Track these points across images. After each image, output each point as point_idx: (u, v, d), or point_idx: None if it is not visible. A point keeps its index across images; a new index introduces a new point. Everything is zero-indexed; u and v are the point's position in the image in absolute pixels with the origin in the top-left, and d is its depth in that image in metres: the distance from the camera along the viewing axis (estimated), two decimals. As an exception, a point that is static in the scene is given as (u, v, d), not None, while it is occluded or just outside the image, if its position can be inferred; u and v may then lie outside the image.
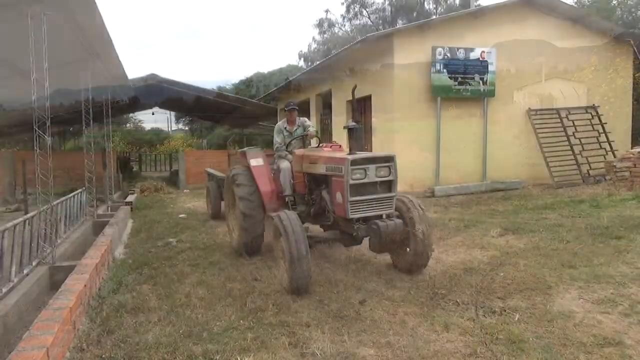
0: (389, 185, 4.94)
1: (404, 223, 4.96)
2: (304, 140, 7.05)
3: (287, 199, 6.33)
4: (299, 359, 3.41)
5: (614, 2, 18.82)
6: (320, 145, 6.36)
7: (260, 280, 5.42)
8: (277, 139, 6.96)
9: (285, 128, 7.06)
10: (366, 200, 4.83)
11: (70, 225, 7.78)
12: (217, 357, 3.45)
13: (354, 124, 5.05)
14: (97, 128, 20.73)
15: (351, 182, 4.70)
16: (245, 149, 7.04)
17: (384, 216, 4.97)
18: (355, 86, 5.38)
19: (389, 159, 4.91)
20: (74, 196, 8.21)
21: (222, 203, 9.52)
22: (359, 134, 4.42)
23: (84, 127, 10.37)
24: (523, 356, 3.30)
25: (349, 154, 4.91)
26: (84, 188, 9.29)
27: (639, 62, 13.95)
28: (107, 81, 10.87)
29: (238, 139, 31.49)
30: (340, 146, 6.19)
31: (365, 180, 4.78)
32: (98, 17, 6.83)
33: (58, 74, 9.12)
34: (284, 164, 6.49)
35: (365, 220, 4.92)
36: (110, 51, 8.76)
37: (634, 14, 18.20)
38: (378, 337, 3.73)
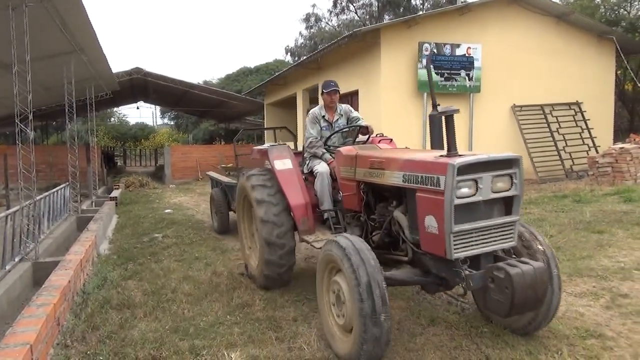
0: (509, 203, 3.21)
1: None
2: (352, 135, 5.20)
3: (325, 215, 4.75)
4: (286, 353, 3.41)
5: (597, 0, 19.06)
6: (364, 140, 5.05)
7: (247, 275, 5.40)
8: (312, 131, 5.09)
9: (324, 117, 5.19)
10: (478, 229, 3.10)
11: (53, 220, 7.67)
12: (204, 353, 3.44)
13: (453, 107, 3.12)
14: (81, 122, 20.51)
15: (457, 201, 2.96)
16: (265, 145, 5.20)
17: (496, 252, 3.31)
18: (433, 53, 4.04)
19: (511, 163, 3.15)
20: (57, 191, 8.10)
21: (231, 213, 7.94)
22: (452, 125, 3.12)
23: (67, 121, 10.22)
24: (507, 349, 3.34)
25: (449, 154, 3.10)
26: (67, 183, 9.17)
27: (621, 60, 14.15)
28: (91, 74, 10.72)
29: (246, 133, 29.72)
30: (391, 140, 5.03)
31: (478, 198, 3.05)
32: (82, 9, 6.72)
33: (41, 67, 8.98)
34: (321, 167, 4.78)
35: (474, 259, 3.22)
36: (94, 44, 8.64)
37: (616, 12, 18.45)
38: (365, 331, 3.74)
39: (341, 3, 32.48)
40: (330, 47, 13.07)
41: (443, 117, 3.20)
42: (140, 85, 20.53)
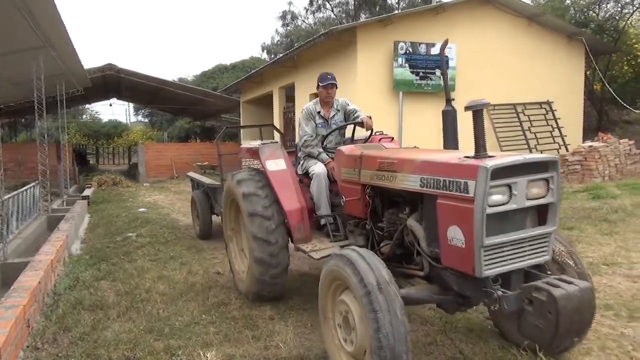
0: (544, 212, 2.84)
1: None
2: (350, 132, 4.85)
3: (323, 221, 4.33)
4: (262, 352, 3.40)
5: (567, 1, 19.51)
6: (364, 137, 4.72)
7: (222, 274, 5.38)
8: (307, 128, 4.70)
9: (319, 113, 4.78)
10: (511, 242, 2.71)
11: (22, 220, 7.49)
12: (180, 353, 3.40)
13: (483, 101, 2.73)
14: (51, 119, 20.02)
15: (489, 209, 2.56)
16: (255, 143, 4.69)
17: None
18: (447, 41, 3.67)
19: (548, 166, 2.79)
20: (26, 190, 7.90)
21: (214, 216, 7.55)
22: (480, 121, 2.75)
23: (36, 119, 9.97)
24: (480, 343, 3.40)
25: (477, 156, 2.72)
26: (37, 182, 8.95)
27: (590, 60, 14.54)
28: (62, 70, 10.47)
29: (227, 131, 29.27)
30: (392, 139, 4.74)
31: (511, 206, 2.66)
32: (51, 3, 6.55)
33: (8, 62, 8.74)
34: (318, 168, 4.41)
35: (504, 277, 2.81)
36: (65, 39, 8.43)
37: (585, 14, 18.92)
38: (341, 329, 3.76)
39: (317, 1, 32.47)
40: (306, 45, 13.04)
41: (471, 113, 2.74)
42: (113, 82, 20.13)
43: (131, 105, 38.80)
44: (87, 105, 37.46)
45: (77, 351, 3.46)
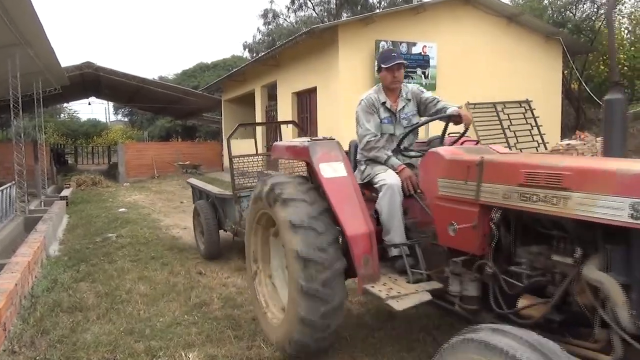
0: None
1: None
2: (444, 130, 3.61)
3: (393, 251, 3.18)
4: (245, 352, 3.39)
5: (545, 2, 19.83)
6: (424, 140, 3.88)
7: (204, 274, 5.34)
8: (368, 125, 3.56)
9: (384, 104, 3.63)
10: None
11: (-2, 221, 7.32)
12: (161, 354, 3.37)
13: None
14: (28, 118, 19.64)
15: None
16: (302, 140, 3.40)
17: None
18: None
19: None
20: (2, 191, 7.74)
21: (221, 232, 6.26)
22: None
23: (12, 118, 9.76)
24: (462, 339, 3.44)
25: None
26: (13, 182, 8.77)
27: (568, 60, 14.80)
28: (39, 68, 10.27)
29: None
30: (477, 142, 3.89)
31: None
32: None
33: (-18, 60, 8.53)
34: (389, 177, 3.28)
35: None
36: (41, 37, 8.28)
37: (563, 14, 19.26)
38: (324, 327, 3.76)
39: (299, 0, 32.42)
40: (288, 44, 13.02)
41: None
42: (92, 80, 19.83)
43: (111, 104, 38.31)
44: (65, 104, 36.86)
45: (56, 354, 3.40)
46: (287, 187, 3.11)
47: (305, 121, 13.55)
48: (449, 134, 3.63)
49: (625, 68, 16.41)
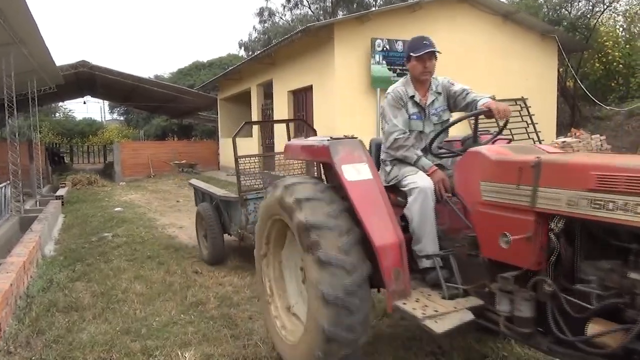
0: None
1: None
2: (477, 128, 3.18)
3: (424, 262, 2.86)
4: (241, 351, 3.38)
5: (540, 0, 19.88)
6: (452, 139, 3.57)
7: (201, 273, 5.33)
8: (395, 120, 3.22)
9: (413, 98, 3.33)
10: None
11: (-7, 221, 7.30)
12: (157, 353, 3.36)
13: None
14: (23, 118, 19.57)
15: None
16: (321, 138, 3.03)
17: None
18: None
19: None
20: (-3, 190, 7.71)
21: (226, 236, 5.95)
22: None
23: (7, 117, 9.73)
24: (458, 337, 3.45)
25: None
26: (8, 182, 8.74)
27: (563, 58, 14.85)
28: (33, 67, 10.23)
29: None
30: (509, 141, 3.54)
31: None
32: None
33: (-24, 59, 8.49)
34: (421, 180, 2.96)
35: None
36: (36, 36, 8.25)
37: (558, 12, 19.31)
38: (320, 326, 3.76)
39: (295, -2, 32.35)
40: (284, 42, 13.00)
41: None
42: (87, 79, 19.76)
43: (106, 103, 38.18)
44: (60, 103, 36.76)
45: (52, 354, 3.38)
46: (304, 188, 2.78)
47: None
48: (479, 132, 3.24)
49: (620, 66, 16.48)
